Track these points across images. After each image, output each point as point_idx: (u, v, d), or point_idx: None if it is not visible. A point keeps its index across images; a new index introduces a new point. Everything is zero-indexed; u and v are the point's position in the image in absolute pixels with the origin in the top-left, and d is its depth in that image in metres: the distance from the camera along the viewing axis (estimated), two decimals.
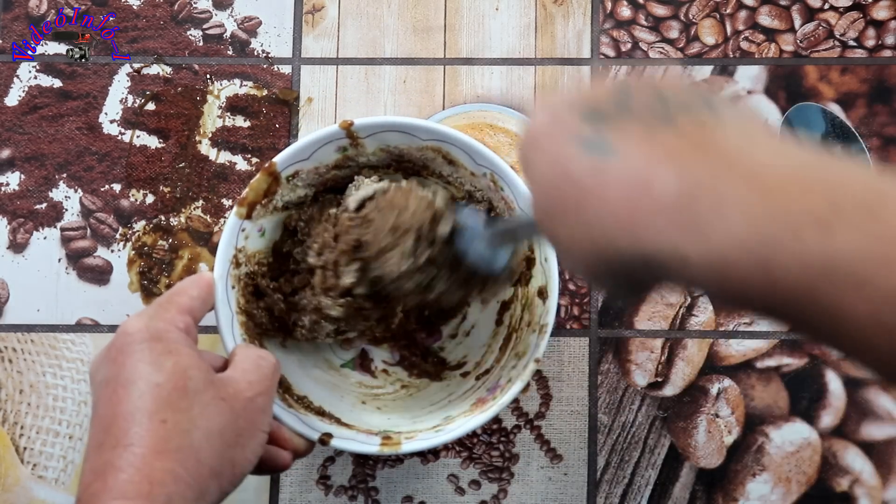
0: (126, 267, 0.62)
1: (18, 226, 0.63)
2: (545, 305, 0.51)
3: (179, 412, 0.39)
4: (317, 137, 0.51)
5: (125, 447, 0.38)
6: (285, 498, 0.60)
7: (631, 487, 0.60)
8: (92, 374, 0.42)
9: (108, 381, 0.40)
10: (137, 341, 0.41)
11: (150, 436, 0.38)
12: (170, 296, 0.45)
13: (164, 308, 0.43)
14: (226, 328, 0.49)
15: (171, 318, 0.43)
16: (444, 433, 0.50)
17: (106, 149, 0.64)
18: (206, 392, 0.40)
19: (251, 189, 0.51)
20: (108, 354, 0.41)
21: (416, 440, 0.51)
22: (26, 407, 0.60)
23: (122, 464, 0.37)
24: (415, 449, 0.50)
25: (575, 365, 0.61)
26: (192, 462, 0.39)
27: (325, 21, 0.65)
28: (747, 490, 0.60)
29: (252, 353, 0.45)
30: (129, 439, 0.38)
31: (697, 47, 0.64)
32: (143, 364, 0.40)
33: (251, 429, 0.42)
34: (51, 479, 0.59)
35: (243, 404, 0.42)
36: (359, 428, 0.52)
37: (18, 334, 0.61)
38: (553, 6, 0.65)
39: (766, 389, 0.61)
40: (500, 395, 0.51)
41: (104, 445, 0.38)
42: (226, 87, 0.64)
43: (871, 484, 0.59)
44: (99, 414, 0.40)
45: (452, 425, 0.51)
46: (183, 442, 0.38)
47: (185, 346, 0.42)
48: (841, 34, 0.64)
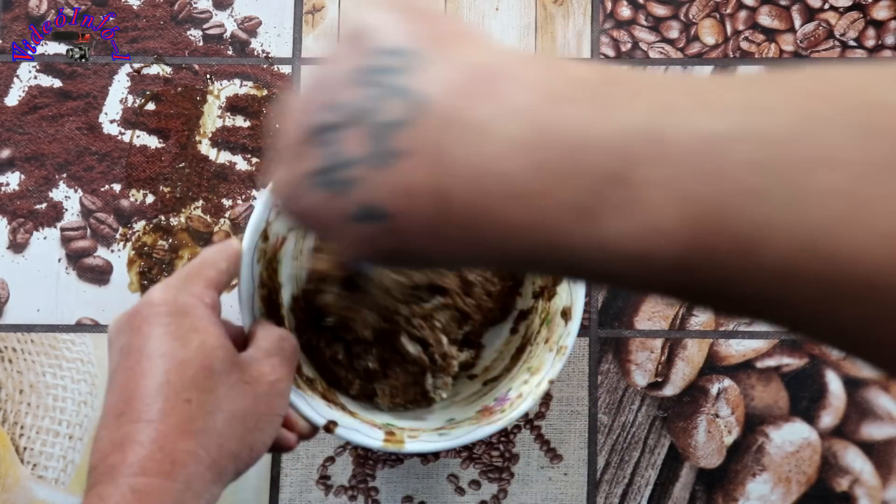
0: (126, 267, 0.62)
1: (18, 226, 0.63)
2: (567, 327, 0.51)
3: (205, 392, 0.39)
4: None
5: (148, 422, 0.37)
6: (285, 498, 0.60)
7: (631, 487, 0.60)
8: (111, 338, 0.41)
9: (130, 351, 0.39)
10: (164, 314, 0.40)
11: (175, 414, 0.38)
12: (199, 267, 0.43)
13: (193, 281, 0.42)
14: (246, 303, 0.48)
15: (198, 292, 0.41)
16: (448, 438, 0.50)
17: (106, 149, 0.64)
18: (231, 374, 0.40)
19: None
20: (132, 322, 0.40)
21: (420, 441, 0.50)
22: (26, 407, 0.60)
23: (144, 439, 0.37)
24: (418, 450, 0.50)
25: (575, 365, 0.61)
26: (213, 445, 0.38)
27: (325, 21, 0.65)
28: (747, 490, 0.60)
29: (275, 333, 0.44)
30: (152, 415, 0.37)
31: (697, 47, 0.64)
32: (168, 338, 0.39)
33: (270, 413, 0.42)
34: (51, 479, 0.59)
35: (266, 388, 0.41)
36: (362, 418, 0.52)
37: (18, 334, 0.61)
38: (553, 6, 0.65)
39: (766, 389, 0.61)
40: (510, 410, 0.50)
41: (124, 416, 0.38)
42: (226, 87, 0.64)
43: (871, 484, 0.59)
44: (118, 382, 0.39)
45: (457, 431, 0.51)
46: (206, 424, 0.38)
47: (212, 324, 0.41)
48: (841, 34, 0.64)
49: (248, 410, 0.40)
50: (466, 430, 0.50)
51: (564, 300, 0.52)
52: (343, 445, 0.60)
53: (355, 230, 0.29)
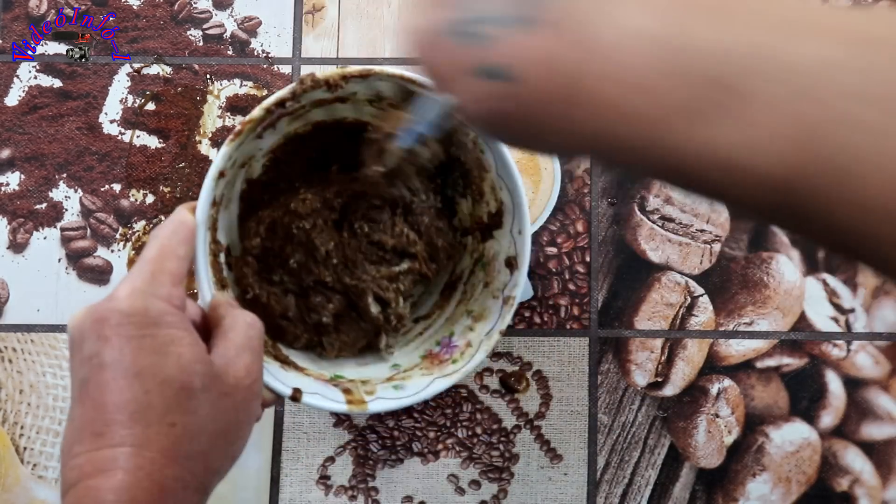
0: (126, 267, 0.62)
1: (18, 226, 0.63)
2: (513, 277, 0.51)
3: (187, 414, 0.38)
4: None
5: (132, 447, 0.36)
6: (285, 498, 0.60)
7: (631, 487, 0.60)
8: (74, 339, 0.39)
9: (103, 364, 0.37)
10: (137, 325, 0.38)
11: (160, 440, 0.37)
12: (160, 259, 0.41)
13: (158, 280, 0.40)
14: (205, 278, 0.47)
15: (166, 293, 0.39)
16: (406, 393, 0.50)
17: (106, 149, 0.64)
18: (211, 389, 0.39)
19: (245, 124, 0.48)
20: (100, 329, 0.38)
21: (380, 398, 0.50)
22: (26, 407, 0.60)
23: (130, 466, 0.36)
24: (381, 409, 0.49)
25: (575, 365, 0.61)
26: (200, 467, 0.38)
27: (325, 21, 0.65)
28: (747, 490, 0.60)
29: (240, 320, 0.42)
30: (136, 440, 0.36)
31: None
32: (144, 353, 0.37)
33: (248, 419, 0.41)
34: (51, 479, 0.59)
35: (243, 395, 0.40)
36: (311, 372, 0.51)
37: (18, 334, 0.61)
38: None
39: (766, 389, 0.61)
40: (462, 361, 0.50)
41: (104, 438, 0.36)
42: (226, 87, 0.64)
43: (871, 484, 0.59)
44: (93, 398, 0.37)
45: (411, 383, 0.50)
46: (192, 448, 0.38)
47: (186, 331, 0.39)
48: None
49: (230, 424, 0.40)
50: (421, 382, 0.50)
51: (506, 248, 0.52)
52: (343, 445, 0.60)
53: (479, 86, 0.30)
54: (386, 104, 0.51)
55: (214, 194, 0.47)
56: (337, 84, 0.49)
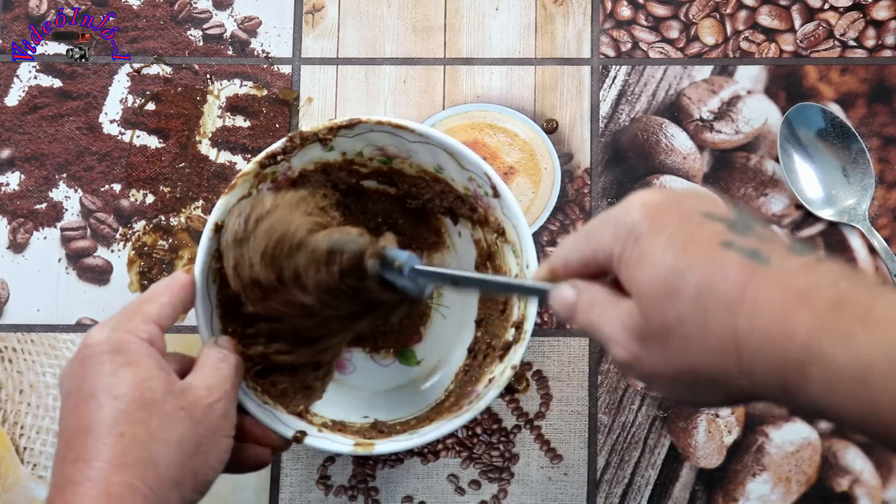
0: (126, 267, 0.62)
1: (18, 226, 0.63)
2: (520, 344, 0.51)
3: (137, 424, 0.39)
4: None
5: (85, 461, 0.38)
6: (285, 498, 0.60)
7: (631, 487, 0.60)
8: (60, 384, 0.42)
9: (70, 394, 0.41)
10: (98, 353, 0.41)
11: (109, 450, 0.38)
12: (138, 303, 0.44)
13: (128, 317, 0.43)
14: (203, 324, 0.49)
15: (133, 327, 0.42)
16: (416, 436, 0.50)
17: (106, 149, 0.64)
18: (165, 403, 0.40)
19: (238, 180, 0.50)
20: (72, 366, 0.42)
21: (389, 440, 0.50)
22: (26, 407, 0.60)
23: (81, 478, 0.38)
24: (389, 451, 0.50)
25: (575, 365, 0.61)
26: (150, 474, 0.39)
27: (325, 21, 0.65)
28: (747, 490, 0.60)
29: (213, 354, 0.45)
30: (89, 454, 0.38)
31: (697, 47, 0.64)
32: (102, 377, 0.40)
33: (213, 436, 0.42)
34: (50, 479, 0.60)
35: (203, 411, 0.42)
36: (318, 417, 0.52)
37: (18, 334, 0.61)
38: (553, 6, 0.65)
39: None
40: (476, 401, 0.51)
41: (66, 459, 0.39)
42: (226, 87, 0.64)
43: (871, 484, 0.59)
44: (62, 427, 0.40)
45: (424, 427, 0.51)
46: (141, 455, 0.39)
47: (146, 356, 0.42)
48: (841, 34, 0.64)
49: (185, 436, 0.41)
50: (432, 426, 0.50)
51: (515, 315, 0.53)
52: None
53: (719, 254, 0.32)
54: None
55: (212, 246, 0.49)
56: (326, 139, 0.51)
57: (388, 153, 0.52)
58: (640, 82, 0.64)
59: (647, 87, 0.64)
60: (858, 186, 0.61)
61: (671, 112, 0.63)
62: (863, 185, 0.61)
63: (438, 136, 0.50)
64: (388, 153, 0.52)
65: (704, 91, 0.64)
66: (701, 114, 0.63)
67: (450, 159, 0.51)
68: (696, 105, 0.63)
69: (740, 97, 0.63)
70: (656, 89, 0.64)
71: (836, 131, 0.61)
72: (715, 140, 0.63)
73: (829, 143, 0.62)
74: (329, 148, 0.51)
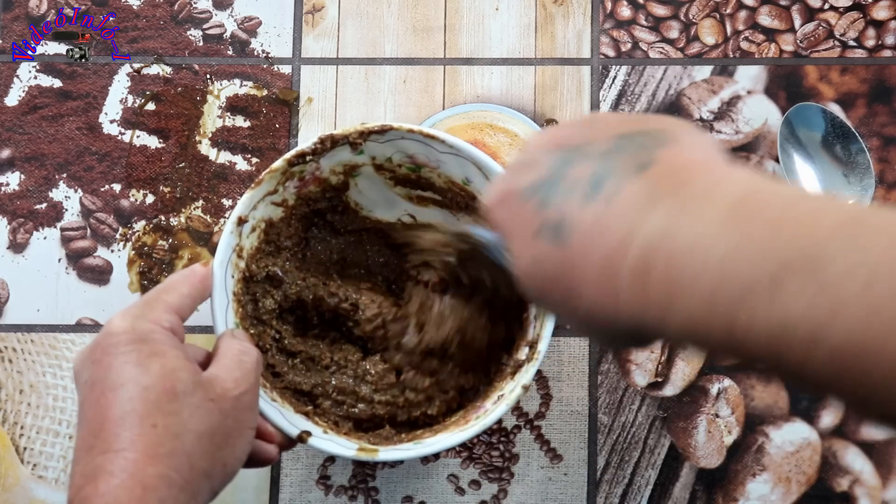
0: (126, 267, 0.62)
1: (18, 226, 0.63)
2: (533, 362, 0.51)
3: (169, 416, 0.39)
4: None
5: (116, 452, 0.38)
6: (285, 498, 0.60)
7: (631, 487, 0.60)
8: (76, 372, 0.42)
9: (94, 384, 0.40)
10: (123, 342, 0.40)
11: (142, 441, 0.38)
12: (158, 293, 0.44)
13: (151, 307, 0.43)
14: (219, 316, 0.49)
15: (156, 317, 0.42)
16: (421, 446, 0.50)
17: (106, 149, 0.64)
18: (194, 394, 0.40)
19: (266, 176, 0.51)
20: (93, 355, 0.41)
21: (393, 448, 0.50)
22: (26, 407, 0.60)
23: (115, 469, 0.37)
24: (391, 458, 0.50)
25: (575, 365, 0.61)
26: (184, 466, 0.39)
27: (325, 21, 0.65)
28: (747, 490, 0.60)
29: (235, 346, 0.45)
30: (121, 444, 0.38)
31: (697, 47, 0.64)
32: (129, 367, 0.40)
33: (239, 427, 0.42)
34: (51, 479, 0.60)
35: (231, 403, 0.42)
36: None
37: (18, 334, 0.61)
38: (553, 6, 0.65)
39: (766, 389, 0.61)
40: (483, 416, 0.50)
41: (94, 449, 0.38)
42: (226, 87, 0.64)
43: (871, 484, 0.59)
44: (87, 417, 0.40)
45: (428, 437, 0.51)
46: (174, 446, 0.39)
47: (172, 346, 0.41)
48: (841, 34, 0.64)
49: (215, 428, 0.40)
50: (437, 438, 0.50)
51: (530, 335, 0.52)
52: None
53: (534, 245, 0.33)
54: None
55: (234, 241, 0.50)
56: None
57: (417, 161, 0.52)
58: (640, 82, 0.64)
59: (647, 88, 0.64)
60: (858, 186, 0.61)
61: (671, 112, 0.64)
62: (863, 185, 0.61)
63: (468, 148, 0.50)
64: (418, 161, 0.52)
65: (704, 91, 0.64)
66: (701, 114, 0.63)
67: (478, 172, 0.51)
68: (696, 105, 0.63)
69: (740, 97, 0.63)
70: (656, 89, 0.64)
71: (836, 131, 0.61)
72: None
73: (829, 144, 0.62)
74: (359, 152, 0.51)
